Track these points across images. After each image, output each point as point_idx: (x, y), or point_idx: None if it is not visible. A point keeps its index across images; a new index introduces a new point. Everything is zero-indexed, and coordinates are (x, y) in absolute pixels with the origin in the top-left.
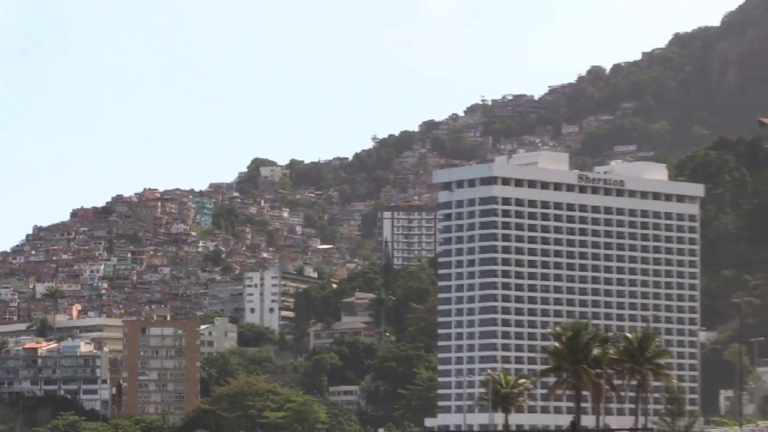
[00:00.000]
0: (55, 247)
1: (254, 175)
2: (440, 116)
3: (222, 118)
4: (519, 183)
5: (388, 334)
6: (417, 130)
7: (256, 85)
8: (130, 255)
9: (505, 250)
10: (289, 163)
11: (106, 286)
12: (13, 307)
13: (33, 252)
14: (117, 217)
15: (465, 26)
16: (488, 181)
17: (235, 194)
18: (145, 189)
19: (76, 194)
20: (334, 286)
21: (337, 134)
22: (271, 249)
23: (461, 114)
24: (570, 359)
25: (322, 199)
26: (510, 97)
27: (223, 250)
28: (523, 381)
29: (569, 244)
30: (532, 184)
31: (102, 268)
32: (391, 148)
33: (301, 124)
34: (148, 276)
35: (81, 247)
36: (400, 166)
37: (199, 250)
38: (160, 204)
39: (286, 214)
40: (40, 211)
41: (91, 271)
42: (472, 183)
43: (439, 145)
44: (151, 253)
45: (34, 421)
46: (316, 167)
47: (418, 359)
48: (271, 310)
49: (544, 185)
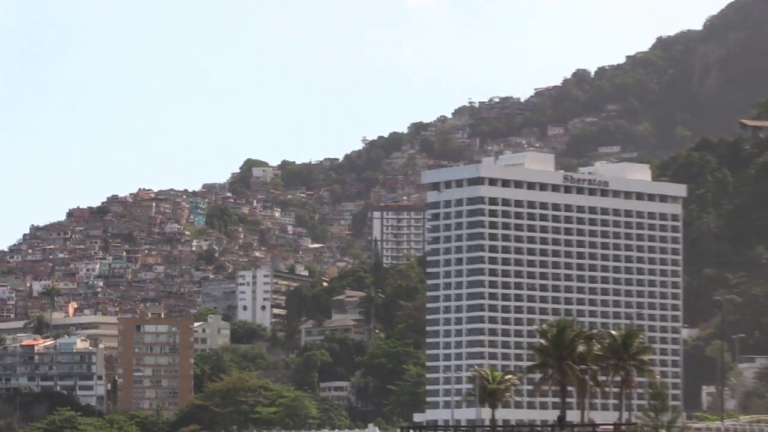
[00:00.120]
0: (52, 246)
1: (246, 176)
2: (428, 118)
3: (215, 120)
4: (506, 183)
5: (377, 331)
6: (406, 131)
7: (249, 88)
8: (125, 254)
9: (492, 249)
10: (280, 163)
11: (101, 284)
12: (11, 305)
13: (30, 251)
14: (112, 217)
15: (453, 30)
16: (475, 182)
17: (228, 194)
18: (139, 189)
19: (72, 194)
20: (325, 285)
21: (328, 136)
22: (263, 248)
23: (449, 116)
24: (555, 356)
25: (313, 199)
26: (497, 100)
27: (216, 249)
28: (510, 377)
29: (555, 243)
30: (519, 185)
31: (97, 266)
32: (381, 149)
33: (293, 125)
34: (143, 274)
35: (77, 246)
36: (390, 167)
37: (193, 249)
38: (154, 204)
39: (277, 214)
40: (37, 211)
41: (87, 270)
42: (459, 183)
43: (427, 147)
44: (146, 252)
45: (31, 417)
46: (307, 168)
47: (407, 356)
48: (263, 308)
49: (530, 185)
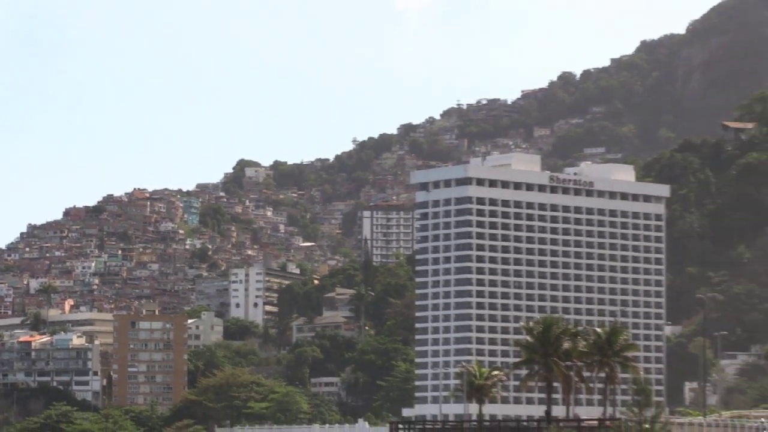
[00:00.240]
0: (49, 245)
1: (239, 176)
2: (418, 120)
3: (209, 122)
4: (493, 183)
5: (367, 328)
6: (395, 132)
7: (242, 90)
8: (120, 252)
9: (480, 248)
10: (272, 164)
11: (97, 281)
12: (8, 302)
13: (27, 249)
14: (108, 216)
15: (442, 34)
16: (463, 182)
17: (221, 194)
18: (134, 189)
19: (68, 194)
20: (316, 282)
21: (319, 137)
22: (255, 246)
23: (438, 117)
24: (541, 352)
25: (305, 198)
26: (484, 102)
27: (210, 247)
28: (497, 373)
29: (540, 242)
30: (506, 185)
31: (93, 264)
32: (371, 150)
33: (285, 127)
34: (138, 272)
35: (73, 245)
36: (379, 168)
37: (187, 247)
38: (149, 203)
39: (269, 213)
40: (34, 210)
41: (83, 268)
42: (448, 183)
43: (416, 147)
44: (141, 250)
45: (27, 411)
46: (299, 168)
47: (396, 352)
48: (256, 305)
49: (517, 186)
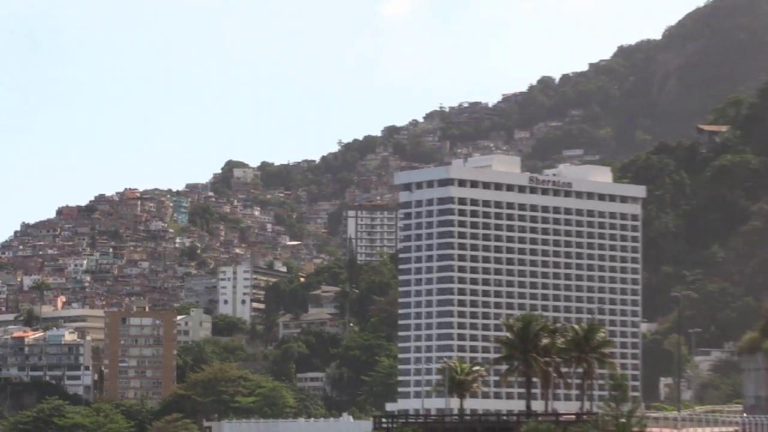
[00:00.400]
0: (42, 243)
1: (228, 176)
2: (401, 122)
3: (198, 123)
4: (474, 184)
5: (351, 324)
6: (379, 134)
7: (230, 92)
8: (111, 250)
9: (461, 247)
10: (260, 165)
11: (89, 279)
12: (2, 299)
13: (21, 247)
14: (99, 215)
15: (425, 38)
16: (445, 183)
17: (210, 194)
18: (125, 189)
19: (61, 193)
20: (302, 280)
21: (306, 138)
22: (243, 245)
23: (421, 120)
24: (521, 348)
25: (291, 198)
26: (466, 105)
27: (199, 245)
28: (477, 368)
29: (520, 242)
30: (487, 186)
31: (85, 262)
32: (356, 152)
33: (272, 128)
34: (129, 270)
35: (66, 243)
36: (364, 168)
37: (176, 245)
38: (139, 203)
39: (257, 213)
40: (28, 209)
41: (75, 265)
42: (430, 184)
43: (400, 149)
44: (131, 248)
45: (21, 405)
46: (286, 169)
47: (380, 348)
48: (243, 302)
49: (498, 186)
